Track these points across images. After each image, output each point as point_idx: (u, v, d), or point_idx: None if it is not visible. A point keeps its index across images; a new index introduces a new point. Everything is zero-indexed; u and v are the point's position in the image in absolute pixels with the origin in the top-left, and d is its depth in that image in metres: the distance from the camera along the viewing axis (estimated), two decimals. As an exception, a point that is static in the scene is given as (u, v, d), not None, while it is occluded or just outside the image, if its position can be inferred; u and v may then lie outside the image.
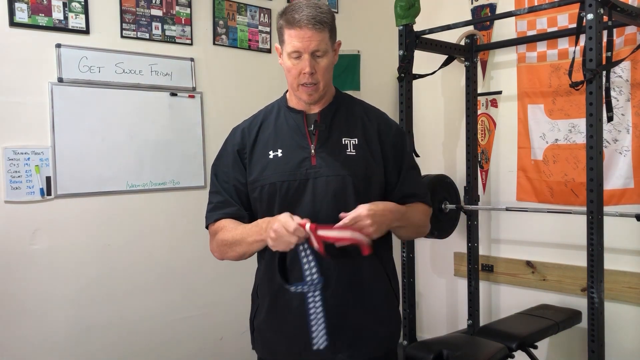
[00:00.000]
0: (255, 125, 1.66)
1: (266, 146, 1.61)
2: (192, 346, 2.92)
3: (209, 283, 2.97)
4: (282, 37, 1.55)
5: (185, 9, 2.89)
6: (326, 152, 1.57)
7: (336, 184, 1.54)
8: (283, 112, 1.66)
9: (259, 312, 1.66)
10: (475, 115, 3.18)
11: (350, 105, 1.68)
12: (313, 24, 1.49)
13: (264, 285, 1.64)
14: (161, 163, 2.81)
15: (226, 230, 1.59)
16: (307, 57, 1.51)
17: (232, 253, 1.59)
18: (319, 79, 1.55)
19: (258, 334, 1.67)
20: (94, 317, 2.62)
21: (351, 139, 1.60)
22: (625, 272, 2.72)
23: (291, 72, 1.55)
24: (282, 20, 1.54)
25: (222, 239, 1.59)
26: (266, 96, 3.09)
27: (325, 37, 1.52)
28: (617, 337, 2.73)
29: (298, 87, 1.56)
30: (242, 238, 1.54)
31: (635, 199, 2.69)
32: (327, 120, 1.61)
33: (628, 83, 2.69)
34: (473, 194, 3.17)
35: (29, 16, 2.44)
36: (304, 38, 1.49)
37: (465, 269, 3.25)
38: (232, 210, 1.62)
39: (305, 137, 1.59)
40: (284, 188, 1.55)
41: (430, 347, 2.38)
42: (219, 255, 1.64)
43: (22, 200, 2.43)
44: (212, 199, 1.67)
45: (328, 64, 1.56)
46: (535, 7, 2.58)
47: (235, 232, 1.56)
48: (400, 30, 2.75)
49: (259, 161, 1.60)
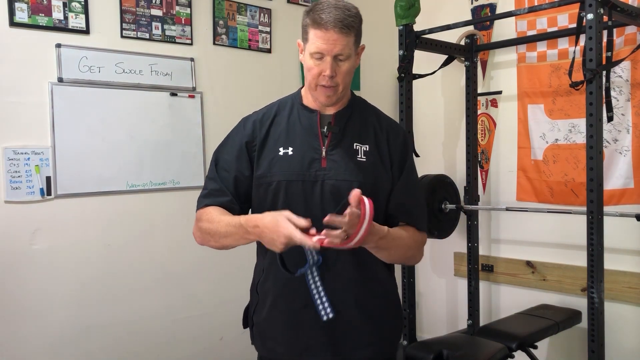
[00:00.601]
0: (267, 119, 1.63)
1: (277, 142, 1.58)
2: (192, 346, 2.92)
3: (209, 283, 2.97)
4: (306, 35, 1.51)
5: (185, 9, 2.89)
6: (337, 156, 1.55)
7: (344, 189, 1.50)
8: (297, 108, 1.62)
9: (259, 309, 1.64)
10: (475, 115, 3.18)
11: (364, 110, 1.66)
12: (340, 27, 1.45)
13: (267, 282, 1.61)
14: (161, 163, 2.81)
15: (213, 219, 1.55)
16: (329, 59, 1.48)
17: (216, 244, 1.57)
18: (339, 82, 1.52)
19: (257, 330, 1.65)
20: (94, 317, 2.62)
21: (362, 145, 1.58)
22: (625, 272, 2.72)
23: (311, 72, 1.52)
24: (308, 19, 1.50)
25: (207, 227, 1.56)
26: (266, 96, 3.10)
27: (350, 42, 1.49)
28: (617, 337, 2.73)
29: (316, 87, 1.53)
30: (229, 231, 1.50)
31: (635, 199, 2.69)
32: (341, 123, 1.59)
33: (628, 83, 2.69)
34: (473, 194, 3.17)
35: (29, 16, 2.44)
36: (329, 41, 1.46)
37: (465, 269, 3.25)
38: (224, 200, 1.59)
39: (317, 138, 1.57)
40: (291, 187, 1.53)
41: (430, 347, 2.38)
42: (200, 241, 1.61)
43: (22, 200, 2.43)
44: (207, 184, 1.64)
45: (349, 68, 1.53)
46: (535, 7, 2.58)
47: (221, 224, 1.52)
48: (400, 30, 2.75)
49: (268, 156, 1.57)
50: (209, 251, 2.53)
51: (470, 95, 3.17)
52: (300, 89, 1.67)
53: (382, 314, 1.62)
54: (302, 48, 1.55)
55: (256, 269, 1.69)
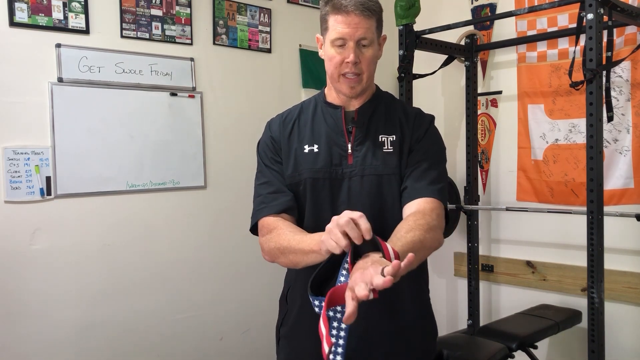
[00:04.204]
0: (291, 119, 1.59)
1: (302, 140, 1.54)
2: (192, 346, 2.92)
3: (209, 283, 2.97)
4: (326, 24, 1.47)
5: (185, 8, 2.89)
6: (363, 151, 1.50)
7: (371, 184, 1.48)
8: (320, 107, 1.59)
9: (287, 319, 1.58)
10: (475, 115, 3.18)
11: (389, 103, 1.61)
12: (361, 10, 1.41)
13: (296, 289, 1.54)
14: (161, 163, 2.81)
15: (281, 234, 1.42)
16: (352, 44, 1.43)
17: (284, 260, 1.43)
18: (363, 69, 1.46)
19: (285, 341, 1.59)
20: (94, 317, 2.62)
21: (389, 136, 1.52)
22: (625, 272, 2.72)
23: (333, 61, 1.46)
24: (327, 7, 1.45)
25: (275, 243, 1.43)
26: (266, 96, 3.11)
27: (372, 26, 1.44)
28: (617, 337, 2.73)
29: (339, 77, 1.47)
30: (297, 246, 1.36)
31: (635, 199, 2.69)
32: (365, 118, 1.54)
33: (628, 83, 2.69)
34: (473, 194, 3.17)
35: (29, 16, 2.44)
36: (351, 24, 1.41)
37: (465, 269, 3.25)
38: (285, 200, 1.49)
39: (342, 134, 1.53)
40: (319, 186, 1.49)
41: (430, 347, 2.37)
42: (270, 258, 1.49)
43: (22, 200, 2.42)
44: (259, 190, 1.54)
45: (373, 56, 1.47)
46: (536, 7, 2.58)
47: (290, 238, 1.40)
48: (400, 30, 2.74)
49: (293, 155, 1.53)
50: (209, 251, 2.54)
51: (470, 95, 3.17)
52: (324, 88, 1.63)
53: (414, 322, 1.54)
54: (322, 42, 1.51)
55: (286, 277, 1.64)
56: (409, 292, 1.52)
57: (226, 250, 3.01)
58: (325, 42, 1.49)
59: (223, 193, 3.01)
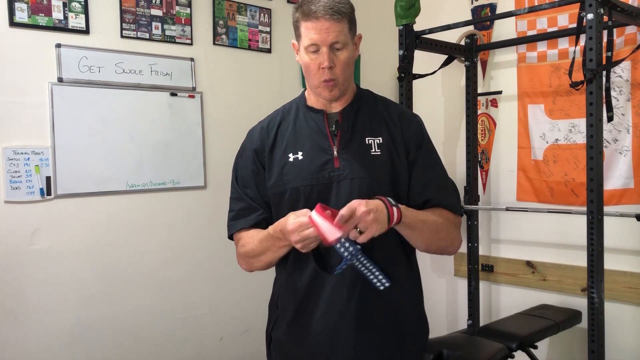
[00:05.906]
0: (273, 126, 1.57)
1: (286, 148, 1.52)
2: (192, 346, 2.92)
3: (209, 283, 2.97)
4: (299, 31, 1.48)
5: (185, 9, 2.89)
6: (349, 154, 1.48)
7: (361, 186, 1.45)
8: (302, 111, 1.56)
9: (278, 324, 1.58)
10: (475, 115, 3.18)
11: (372, 102, 1.59)
12: (330, 14, 1.40)
13: (287, 295, 1.55)
14: (161, 163, 2.81)
15: (248, 241, 1.51)
16: (325, 50, 1.42)
17: (259, 263, 1.51)
18: (338, 73, 1.45)
19: (276, 346, 1.59)
20: (94, 317, 2.62)
21: (375, 138, 1.51)
22: (625, 272, 2.72)
23: (310, 68, 1.47)
24: (297, 13, 1.47)
25: (245, 251, 1.52)
26: (266, 96, 3.11)
27: (344, 28, 1.43)
28: (617, 337, 2.72)
29: (319, 84, 1.47)
30: (265, 247, 1.46)
31: (635, 199, 2.69)
32: (349, 119, 1.52)
33: (628, 83, 2.69)
34: (473, 194, 3.17)
35: (29, 16, 2.44)
36: (322, 30, 1.41)
37: (465, 269, 3.25)
38: (255, 216, 1.54)
39: (326, 138, 1.51)
40: (307, 193, 1.47)
41: (430, 347, 2.37)
42: (246, 267, 1.57)
43: (22, 200, 2.43)
44: (233, 206, 1.60)
45: (348, 58, 1.46)
46: (535, 7, 2.58)
47: (255, 243, 1.48)
48: (400, 30, 2.74)
49: (278, 164, 1.52)
50: (209, 252, 2.54)
51: (470, 95, 3.17)
52: (304, 91, 1.62)
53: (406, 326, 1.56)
54: (297, 48, 1.52)
55: (275, 283, 1.64)
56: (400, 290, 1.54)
57: (226, 250, 3.00)
58: (300, 49, 1.50)
59: (223, 193, 2.96)
